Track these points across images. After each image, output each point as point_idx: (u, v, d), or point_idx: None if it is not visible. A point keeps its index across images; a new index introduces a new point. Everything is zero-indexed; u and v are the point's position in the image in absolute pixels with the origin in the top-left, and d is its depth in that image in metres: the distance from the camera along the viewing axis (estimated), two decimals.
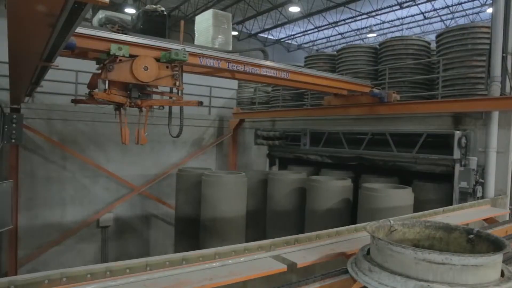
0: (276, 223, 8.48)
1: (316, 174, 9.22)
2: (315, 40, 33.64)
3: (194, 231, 8.39)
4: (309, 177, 8.12)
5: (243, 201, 8.10)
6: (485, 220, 5.31)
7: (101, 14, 11.24)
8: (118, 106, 5.02)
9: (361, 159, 8.29)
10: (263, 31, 29.95)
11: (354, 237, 3.66)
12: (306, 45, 35.32)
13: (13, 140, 8.09)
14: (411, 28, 28.83)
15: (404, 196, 6.38)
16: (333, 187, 7.43)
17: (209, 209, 7.91)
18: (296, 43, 35.29)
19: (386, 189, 6.52)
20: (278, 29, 29.98)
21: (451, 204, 6.37)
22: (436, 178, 7.19)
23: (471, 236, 2.65)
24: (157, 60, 4.67)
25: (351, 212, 7.48)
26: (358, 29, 30.00)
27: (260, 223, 8.83)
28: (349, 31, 30.94)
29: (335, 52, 9.76)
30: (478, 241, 2.62)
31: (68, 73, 9.66)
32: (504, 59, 6.03)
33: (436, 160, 6.85)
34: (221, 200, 7.79)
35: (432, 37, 20.19)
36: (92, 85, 4.95)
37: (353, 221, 6.79)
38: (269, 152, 11.08)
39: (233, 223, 7.84)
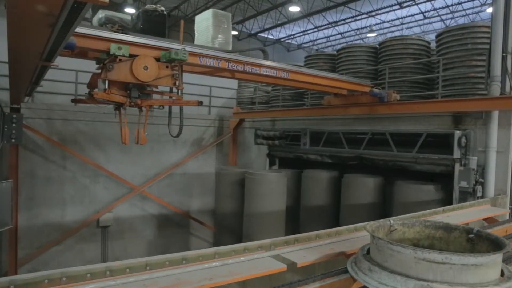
0: (310, 217, 8.98)
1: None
2: (315, 40, 33.64)
3: (234, 223, 9.52)
4: (345, 175, 8.55)
5: (283, 197, 8.94)
6: (485, 219, 5.31)
7: (101, 14, 11.24)
8: (118, 106, 5.01)
9: (361, 158, 8.29)
10: (263, 30, 29.94)
11: (354, 237, 3.66)
12: (306, 45, 35.31)
13: (13, 140, 8.10)
14: (411, 27, 28.83)
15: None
16: (367, 183, 7.99)
17: (253, 204, 8.86)
18: (296, 43, 35.28)
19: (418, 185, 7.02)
20: (278, 28, 29.97)
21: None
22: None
23: (471, 235, 2.65)
24: (157, 59, 4.66)
25: (383, 206, 7.96)
26: (358, 29, 29.99)
27: (295, 217, 9.49)
28: (349, 31, 30.93)
29: (335, 52, 9.76)
30: (478, 241, 2.62)
31: (68, 73, 9.66)
32: (504, 58, 6.02)
33: (436, 160, 6.85)
34: (265, 196, 8.70)
35: (432, 36, 20.18)
36: (92, 84, 4.95)
37: (384, 215, 7.17)
38: (269, 152, 11.08)
39: (275, 217, 8.70)
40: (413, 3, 23.32)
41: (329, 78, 6.96)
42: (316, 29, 30.02)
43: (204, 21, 12.92)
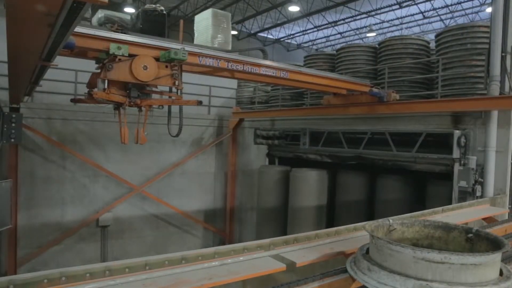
0: (346, 212, 9.23)
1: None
2: (314, 40, 33.64)
3: (277, 217, 10.18)
4: (380, 174, 8.76)
5: (324, 193, 9.49)
6: (484, 219, 5.31)
7: (100, 14, 11.25)
8: (118, 106, 5.01)
9: (361, 158, 8.29)
10: (262, 30, 29.95)
11: (353, 237, 3.66)
12: (305, 45, 35.32)
13: (12, 140, 8.09)
14: (410, 27, 28.84)
15: None
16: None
17: (297, 200, 9.40)
18: (296, 43, 35.28)
19: None
20: (278, 28, 29.98)
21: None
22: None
23: (470, 235, 2.65)
24: (157, 59, 4.66)
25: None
26: (357, 29, 30.00)
27: (330, 212, 9.97)
28: (349, 31, 30.95)
29: (334, 52, 9.76)
30: (477, 240, 2.62)
31: (67, 73, 9.66)
32: (503, 58, 6.03)
33: (435, 159, 6.86)
34: (309, 192, 9.21)
35: (431, 36, 20.19)
36: (91, 84, 4.95)
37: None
38: (269, 152, 11.08)
39: (317, 211, 9.28)
40: (413, 3, 23.32)
41: (329, 78, 6.96)
42: (315, 29, 30.04)
43: (203, 21, 12.94)
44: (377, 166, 8.35)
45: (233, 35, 16.97)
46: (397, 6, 23.75)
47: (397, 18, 27.00)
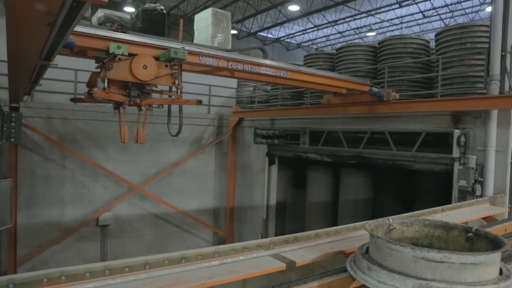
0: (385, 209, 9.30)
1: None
2: (314, 39, 33.64)
3: (330, 213, 10.46)
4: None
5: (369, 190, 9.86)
6: (484, 218, 5.31)
7: (100, 13, 11.24)
8: (117, 105, 5.01)
9: (360, 157, 8.29)
10: (262, 29, 29.93)
11: (353, 236, 3.66)
12: (305, 44, 35.30)
13: (12, 139, 8.09)
14: (410, 26, 28.83)
15: None
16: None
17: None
18: (296, 42, 35.27)
19: None
20: (278, 27, 29.97)
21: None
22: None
23: (470, 234, 2.65)
24: (156, 58, 4.66)
25: None
26: (357, 28, 29.99)
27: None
28: (349, 30, 30.94)
29: (334, 51, 9.75)
30: (477, 240, 2.62)
31: (67, 72, 9.66)
32: (503, 57, 6.03)
33: (435, 158, 6.86)
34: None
35: (431, 35, 20.20)
36: (91, 83, 4.95)
37: None
38: (269, 151, 11.09)
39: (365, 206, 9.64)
40: (413, 2, 23.31)
41: (329, 77, 6.95)
42: (315, 28, 30.03)
43: (203, 20, 12.93)
44: (377, 166, 8.37)
45: (233, 35, 16.97)
46: (397, 6, 23.74)
47: (397, 18, 26.99)
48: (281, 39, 33.81)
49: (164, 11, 11.52)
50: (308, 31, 31.10)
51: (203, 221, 12.43)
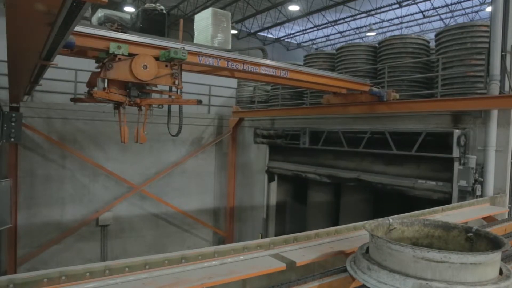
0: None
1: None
2: (314, 39, 33.64)
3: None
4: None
5: None
6: (484, 218, 5.31)
7: (100, 13, 11.23)
8: (118, 105, 5.01)
9: (359, 180, 8.31)
10: (262, 29, 29.93)
11: (353, 236, 3.66)
12: (305, 44, 35.30)
13: (12, 139, 8.09)
14: (410, 26, 28.83)
15: None
16: None
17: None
18: (296, 42, 35.26)
19: None
20: (278, 27, 29.96)
21: None
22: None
23: (470, 234, 2.65)
24: (156, 58, 4.66)
25: None
26: (357, 28, 29.98)
27: None
28: (349, 30, 30.93)
29: (334, 51, 9.75)
30: (477, 239, 2.62)
31: (67, 72, 9.66)
32: (503, 57, 6.03)
33: (433, 186, 6.90)
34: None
35: (431, 35, 20.18)
36: (91, 83, 4.95)
37: None
38: (268, 169, 11.14)
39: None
40: (413, 2, 23.31)
41: (329, 77, 6.95)
42: (315, 28, 30.03)
43: (203, 20, 12.92)
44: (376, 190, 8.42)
45: (233, 35, 16.96)
46: (397, 6, 23.74)
47: (397, 18, 26.99)
48: (281, 39, 33.80)
49: (164, 11, 11.51)
50: (308, 31, 31.09)
51: (203, 221, 12.43)
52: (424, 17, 25.92)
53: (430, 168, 7.20)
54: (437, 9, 24.85)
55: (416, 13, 25.54)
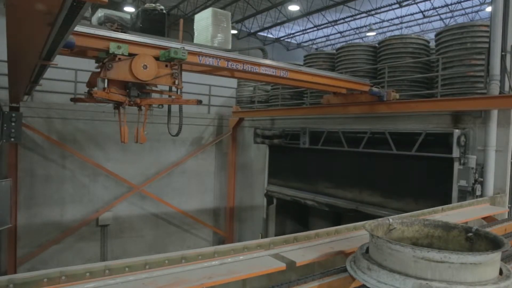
0: None
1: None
2: (314, 39, 33.65)
3: None
4: None
5: None
6: (484, 218, 5.31)
7: (100, 13, 11.24)
8: (117, 105, 5.01)
9: (357, 211, 8.32)
10: (262, 29, 29.94)
11: (353, 236, 3.66)
12: (305, 44, 35.31)
13: (12, 139, 8.09)
14: (410, 26, 28.84)
15: None
16: None
17: None
18: (296, 42, 35.27)
19: None
20: (278, 27, 29.97)
21: None
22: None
23: (470, 234, 2.65)
24: (156, 58, 4.66)
25: None
26: (357, 28, 30.00)
27: None
28: (349, 30, 30.95)
29: (334, 51, 9.75)
30: (477, 239, 2.62)
31: (67, 72, 9.65)
32: (503, 57, 6.03)
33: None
34: None
35: (431, 35, 20.20)
36: (91, 83, 4.96)
37: None
38: (267, 192, 11.06)
39: None
40: (413, 2, 23.31)
41: (329, 77, 6.95)
42: (315, 28, 30.04)
43: (203, 20, 12.93)
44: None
45: (233, 34, 16.97)
46: (397, 5, 23.74)
47: (397, 17, 27.00)
48: (281, 39, 33.81)
49: (164, 11, 11.52)
50: (308, 31, 31.10)
51: (203, 221, 12.43)
52: (424, 17, 25.93)
53: (430, 204, 7.11)
54: (437, 9, 24.86)
55: (416, 13, 25.55)
